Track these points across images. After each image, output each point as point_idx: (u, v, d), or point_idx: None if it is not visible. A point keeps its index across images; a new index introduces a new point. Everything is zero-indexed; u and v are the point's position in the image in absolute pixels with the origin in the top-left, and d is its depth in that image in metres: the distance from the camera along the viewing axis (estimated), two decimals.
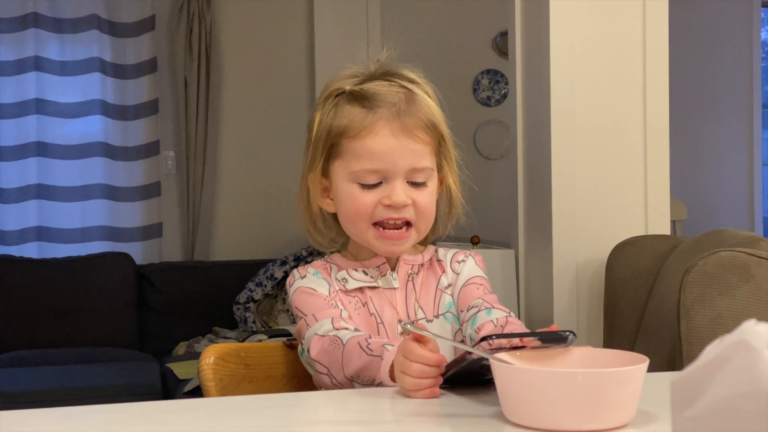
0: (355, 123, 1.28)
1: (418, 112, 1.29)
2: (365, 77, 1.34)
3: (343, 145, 1.29)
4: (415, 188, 1.29)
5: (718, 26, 5.54)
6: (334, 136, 1.30)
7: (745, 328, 0.63)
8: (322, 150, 1.32)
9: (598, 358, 1.02)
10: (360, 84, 1.32)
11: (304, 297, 1.33)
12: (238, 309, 4.32)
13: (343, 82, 1.34)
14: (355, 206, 1.29)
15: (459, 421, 0.99)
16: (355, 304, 1.33)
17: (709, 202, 5.48)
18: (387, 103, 1.28)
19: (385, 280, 1.34)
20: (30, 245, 4.55)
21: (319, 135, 1.32)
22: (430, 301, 1.35)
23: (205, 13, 4.65)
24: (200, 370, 1.35)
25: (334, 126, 1.30)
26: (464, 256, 1.41)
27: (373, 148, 1.27)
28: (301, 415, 1.10)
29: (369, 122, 1.27)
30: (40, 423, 1.03)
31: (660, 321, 2.15)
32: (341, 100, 1.32)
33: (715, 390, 0.64)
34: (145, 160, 4.65)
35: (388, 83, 1.32)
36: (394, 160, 1.27)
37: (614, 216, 2.54)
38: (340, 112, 1.30)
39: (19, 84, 4.54)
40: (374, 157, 1.27)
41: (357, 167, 1.28)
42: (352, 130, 1.28)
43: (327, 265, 1.37)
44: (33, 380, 3.71)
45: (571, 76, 2.52)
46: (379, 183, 1.28)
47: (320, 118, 1.33)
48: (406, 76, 1.34)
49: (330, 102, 1.33)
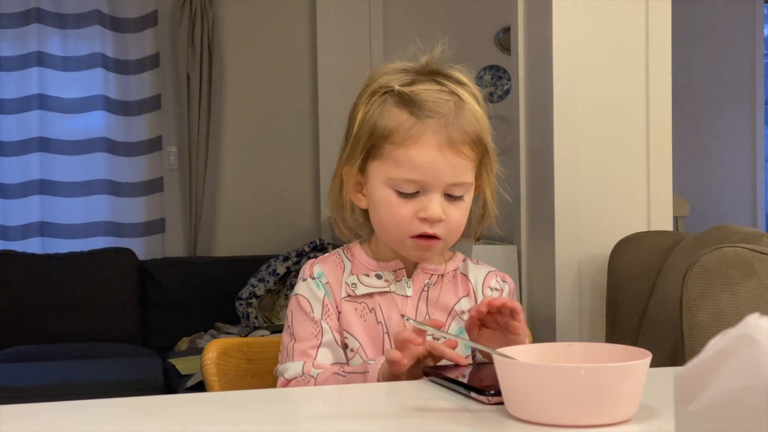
0: (402, 130, 1.24)
1: (466, 125, 1.25)
2: (414, 75, 1.29)
3: (386, 148, 1.26)
4: (451, 202, 1.26)
5: (720, 22, 5.53)
6: (378, 137, 1.26)
7: (748, 323, 0.63)
8: (362, 147, 1.28)
9: (601, 353, 1.02)
10: (409, 84, 1.27)
11: (297, 312, 1.31)
12: (241, 304, 4.33)
13: (392, 77, 1.29)
14: (390, 215, 1.26)
15: (461, 415, 0.99)
16: (361, 310, 1.30)
17: (711, 198, 5.48)
18: (436, 113, 1.24)
19: (399, 286, 1.31)
20: (33, 240, 4.56)
21: (361, 131, 1.28)
22: (441, 319, 1.31)
23: (207, 8, 4.65)
24: (203, 365, 1.36)
25: (379, 127, 1.26)
26: (498, 282, 1.36)
27: (417, 159, 1.23)
28: (303, 409, 1.10)
29: (416, 132, 1.23)
30: (42, 417, 1.03)
31: (662, 317, 2.15)
32: (388, 100, 1.27)
33: (718, 384, 0.64)
34: (147, 156, 4.66)
35: (437, 86, 1.27)
36: (435, 173, 1.24)
37: (617, 212, 2.53)
38: (386, 114, 1.26)
39: (21, 79, 4.54)
40: (416, 168, 1.23)
41: (397, 175, 1.25)
42: (398, 137, 1.24)
43: (341, 261, 1.34)
44: (36, 375, 3.72)
45: (574, 72, 2.51)
46: (416, 192, 1.25)
47: (364, 114, 1.28)
48: (456, 78, 1.30)
49: (376, 99, 1.28)
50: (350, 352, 1.29)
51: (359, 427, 0.98)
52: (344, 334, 1.30)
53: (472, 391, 1.03)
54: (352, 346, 1.29)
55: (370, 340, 1.28)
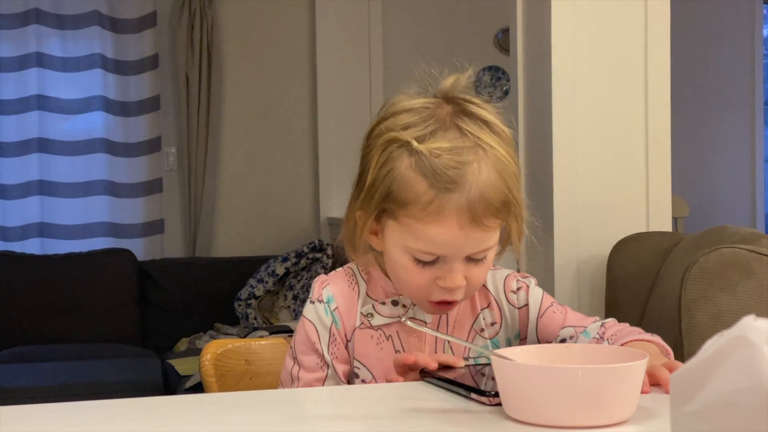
0: (420, 204, 1.12)
1: (491, 194, 1.13)
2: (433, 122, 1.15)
3: (402, 217, 1.15)
4: (473, 264, 1.17)
5: (720, 23, 5.53)
6: (393, 203, 1.15)
7: (744, 324, 0.64)
8: (376, 205, 1.17)
9: (599, 354, 1.02)
10: (428, 138, 1.14)
11: (302, 338, 1.24)
12: (240, 305, 4.33)
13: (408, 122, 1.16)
14: (407, 279, 1.18)
15: (459, 416, 1.00)
16: (377, 338, 1.23)
17: (710, 198, 5.48)
18: (457, 185, 1.11)
19: (417, 310, 1.24)
20: (32, 241, 4.56)
21: (375, 187, 1.16)
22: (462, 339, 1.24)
23: (206, 9, 4.65)
24: (201, 366, 1.36)
25: (395, 193, 1.14)
26: (516, 282, 1.30)
27: (436, 237, 1.13)
28: (302, 410, 1.10)
29: (435, 208, 1.12)
30: (41, 418, 1.03)
31: (661, 318, 2.15)
32: (404, 159, 1.14)
33: (714, 386, 0.64)
34: (146, 157, 4.66)
35: (459, 135, 1.14)
36: (456, 248, 1.15)
37: (616, 212, 2.54)
38: (403, 179, 1.13)
39: (20, 80, 4.54)
40: (435, 245, 1.14)
41: (414, 246, 1.15)
42: (415, 210, 1.13)
43: (354, 281, 1.26)
44: (35, 376, 3.72)
45: (573, 73, 2.52)
46: (436, 259, 1.16)
47: (378, 169, 1.16)
48: (480, 118, 1.16)
49: (392, 152, 1.15)
50: (360, 383, 1.23)
51: (357, 427, 0.98)
52: (355, 365, 1.24)
53: (472, 392, 1.03)
54: (364, 377, 1.23)
55: (386, 370, 1.20)
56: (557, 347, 1.07)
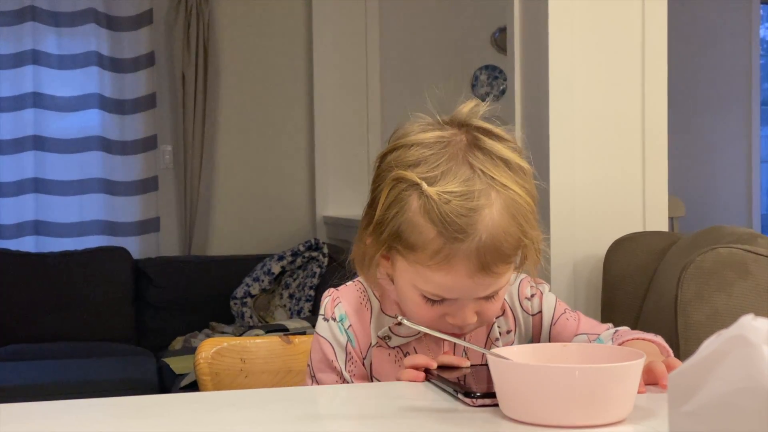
0: (428, 251, 1.09)
1: (503, 241, 1.09)
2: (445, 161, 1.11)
3: (410, 258, 1.12)
4: (485, 300, 1.15)
5: (717, 23, 5.54)
6: (402, 245, 1.12)
7: (742, 324, 0.63)
8: (384, 240, 1.14)
9: (596, 353, 1.02)
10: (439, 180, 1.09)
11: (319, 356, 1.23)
12: (235, 304, 4.32)
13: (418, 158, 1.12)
14: (417, 313, 1.16)
15: (455, 416, 0.99)
16: (394, 356, 1.22)
17: (707, 199, 5.48)
18: (467, 234, 1.08)
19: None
20: (27, 239, 4.55)
21: (383, 225, 1.13)
22: (477, 353, 1.21)
23: (203, 7, 4.65)
24: (196, 364, 1.35)
25: (403, 237, 1.11)
26: (531, 289, 1.28)
27: (444, 284, 1.11)
28: (297, 409, 1.09)
29: (444, 257, 1.09)
30: (36, 417, 1.03)
31: (657, 317, 2.15)
32: (414, 202, 1.10)
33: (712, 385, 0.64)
34: (142, 155, 4.65)
35: (472, 175, 1.09)
36: (465, 293, 1.13)
37: (612, 212, 2.53)
38: (411, 223, 1.10)
39: (16, 77, 4.53)
40: (444, 290, 1.12)
41: (423, 288, 1.13)
42: (424, 257, 1.10)
43: (366, 298, 1.24)
44: (29, 374, 3.71)
45: (570, 72, 2.51)
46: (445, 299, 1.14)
47: (387, 206, 1.13)
48: (495, 155, 1.11)
49: (401, 193, 1.12)
50: None
51: (354, 427, 0.98)
52: (374, 381, 1.23)
53: (459, 392, 1.03)
54: None
55: None
56: (554, 347, 1.07)
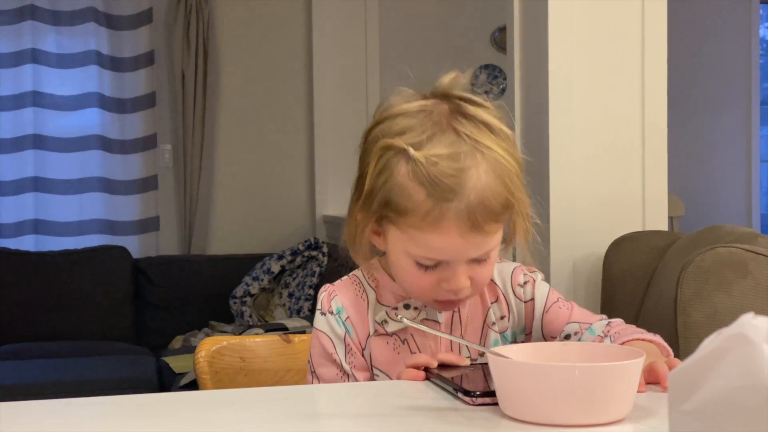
0: (419, 213, 1.11)
1: (491, 198, 1.12)
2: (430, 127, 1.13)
3: (402, 224, 1.14)
4: (477, 264, 1.17)
5: (717, 22, 5.54)
6: (393, 211, 1.14)
7: (743, 322, 0.63)
8: (375, 210, 1.16)
9: (595, 352, 1.02)
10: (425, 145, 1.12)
11: (318, 351, 1.24)
12: (235, 303, 4.32)
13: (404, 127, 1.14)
14: (411, 282, 1.18)
15: (455, 414, 0.99)
16: (393, 343, 1.23)
17: (707, 198, 5.48)
18: (456, 193, 1.10)
19: (430, 311, 1.24)
20: (26, 238, 4.55)
21: (374, 194, 1.15)
22: (475, 338, 1.25)
23: (202, 6, 4.64)
24: (196, 363, 1.35)
25: (393, 202, 1.13)
26: (524, 276, 1.29)
27: (437, 245, 1.13)
28: (296, 408, 1.09)
29: (435, 218, 1.11)
30: (35, 415, 1.02)
31: (657, 317, 2.15)
32: (402, 167, 1.12)
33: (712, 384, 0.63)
34: (142, 154, 4.65)
35: (457, 140, 1.12)
36: (457, 254, 1.14)
37: (612, 212, 2.53)
38: (401, 187, 1.12)
39: (15, 76, 4.53)
40: (437, 251, 1.14)
41: (416, 252, 1.15)
42: (415, 219, 1.12)
43: (362, 290, 1.26)
44: (29, 373, 3.71)
45: (570, 72, 2.51)
46: (438, 263, 1.16)
47: (376, 175, 1.15)
48: (478, 119, 1.14)
49: (389, 159, 1.14)
50: None
51: (354, 425, 0.98)
52: (374, 372, 1.24)
53: (459, 391, 1.03)
54: None
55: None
56: (554, 345, 1.07)
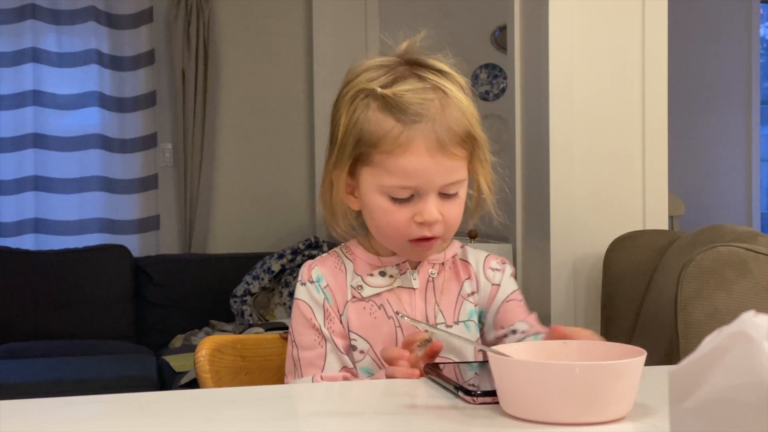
0: (390, 138, 1.21)
1: (454, 124, 1.22)
2: (394, 72, 1.25)
3: (374, 156, 1.22)
4: (446, 200, 1.24)
5: (717, 22, 5.53)
6: (365, 145, 1.23)
7: (744, 320, 0.63)
8: (349, 154, 1.24)
9: (596, 351, 1.02)
10: (391, 84, 1.23)
11: (297, 319, 1.29)
12: (235, 302, 4.32)
13: (371, 75, 1.25)
14: (386, 221, 1.24)
15: (455, 413, 0.99)
16: (369, 308, 1.29)
17: (707, 197, 5.48)
18: (423, 116, 1.21)
19: (405, 279, 1.30)
20: (27, 237, 4.55)
21: (347, 138, 1.24)
22: (450, 306, 1.31)
23: (203, 5, 4.64)
24: (196, 362, 1.35)
25: (365, 135, 1.22)
26: (498, 263, 1.36)
27: (408, 167, 1.21)
28: (296, 406, 1.09)
29: (404, 139, 1.20)
30: (35, 414, 1.03)
31: (657, 316, 2.15)
32: (371, 104, 1.23)
33: (713, 381, 0.64)
34: (142, 153, 4.65)
35: (420, 83, 1.24)
36: (428, 178, 1.21)
37: (612, 211, 2.54)
38: (371, 120, 1.22)
39: (16, 75, 4.53)
40: (408, 175, 1.21)
41: (389, 182, 1.22)
42: (386, 145, 1.21)
43: (341, 262, 1.32)
44: (29, 372, 3.71)
45: (570, 71, 2.51)
46: (411, 197, 1.23)
47: (348, 120, 1.24)
48: (436, 68, 1.26)
49: (359, 103, 1.24)
50: (359, 354, 1.27)
51: (353, 424, 0.98)
52: (352, 337, 1.28)
53: (460, 390, 1.03)
54: (362, 348, 1.28)
55: (382, 337, 1.27)
56: (555, 344, 1.07)
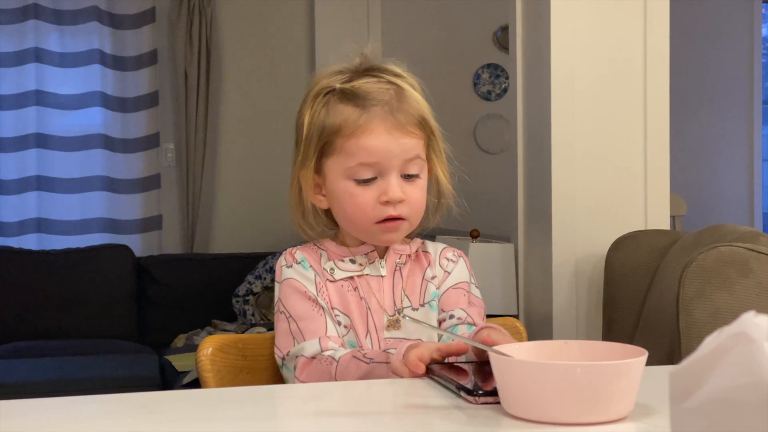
0: (350, 122, 1.31)
1: (410, 109, 1.32)
2: (352, 74, 1.36)
3: (337, 143, 1.31)
4: (409, 182, 1.32)
5: (719, 22, 5.53)
6: (328, 134, 1.32)
7: (744, 320, 0.63)
8: (314, 148, 1.33)
9: (597, 351, 1.02)
10: (349, 82, 1.34)
11: (291, 295, 1.34)
12: (237, 302, 4.32)
13: (331, 79, 1.36)
14: (353, 204, 1.32)
15: (457, 413, 0.99)
16: (346, 287, 1.36)
17: (708, 197, 5.48)
18: (379, 101, 1.31)
19: (373, 267, 1.37)
20: (29, 237, 4.55)
21: (311, 133, 1.34)
22: (416, 290, 1.38)
23: (205, 5, 4.65)
24: (198, 361, 1.35)
25: (328, 125, 1.32)
26: (453, 254, 1.43)
27: (369, 145, 1.30)
28: (299, 406, 1.09)
29: (364, 121, 1.30)
30: (38, 413, 1.03)
31: (659, 316, 2.15)
32: (332, 99, 1.34)
33: (713, 381, 0.64)
34: (144, 152, 4.65)
35: (376, 79, 1.34)
36: (388, 154, 1.30)
37: (614, 210, 2.53)
38: (332, 111, 1.32)
39: (19, 75, 4.54)
40: (369, 153, 1.30)
41: (352, 163, 1.30)
42: (347, 129, 1.31)
43: (316, 250, 1.39)
44: (32, 371, 3.71)
45: (572, 71, 2.51)
46: (374, 178, 1.31)
47: (311, 117, 1.34)
48: (391, 71, 1.36)
49: (320, 100, 1.35)
50: (343, 329, 1.34)
51: (355, 424, 0.98)
52: (335, 312, 1.34)
53: (462, 390, 1.03)
54: (345, 323, 1.34)
55: (357, 315, 1.34)
56: (556, 344, 1.07)
